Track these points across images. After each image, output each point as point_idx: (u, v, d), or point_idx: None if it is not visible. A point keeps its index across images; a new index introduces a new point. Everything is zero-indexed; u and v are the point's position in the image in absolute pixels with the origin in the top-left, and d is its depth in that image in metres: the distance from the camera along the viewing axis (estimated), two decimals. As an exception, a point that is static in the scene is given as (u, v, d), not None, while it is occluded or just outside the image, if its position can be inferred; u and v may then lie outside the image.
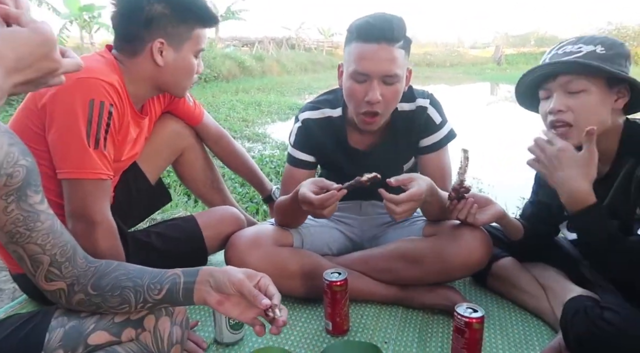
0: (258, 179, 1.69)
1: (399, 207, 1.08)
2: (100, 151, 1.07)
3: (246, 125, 5.42)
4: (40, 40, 0.57)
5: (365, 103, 1.20)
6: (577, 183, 1.00)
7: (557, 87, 1.04)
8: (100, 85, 1.04)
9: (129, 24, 1.14)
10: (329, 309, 1.18)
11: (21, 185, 0.78)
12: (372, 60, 1.16)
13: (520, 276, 1.32)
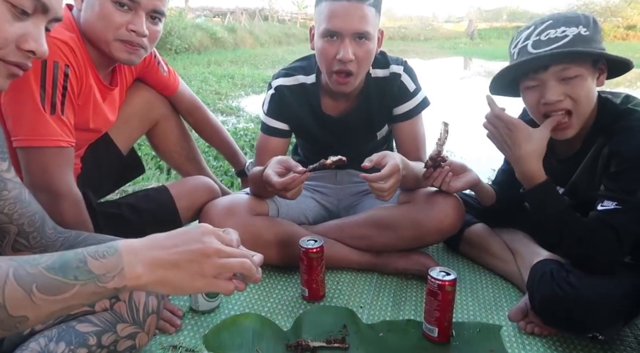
0: (232, 152, 1.66)
1: (387, 183, 1.07)
2: (58, 116, 1.00)
3: (219, 99, 5.29)
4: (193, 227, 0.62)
5: (337, 61, 1.17)
6: (529, 162, 1.04)
7: (549, 76, 1.01)
8: (52, 43, 0.95)
9: None
10: (305, 276, 1.19)
11: None
12: (342, 17, 1.14)
13: (491, 241, 1.36)
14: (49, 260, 0.52)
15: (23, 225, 0.83)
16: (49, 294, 0.51)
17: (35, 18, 0.59)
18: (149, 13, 1.07)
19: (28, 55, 0.59)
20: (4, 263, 0.51)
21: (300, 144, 1.55)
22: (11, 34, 0.57)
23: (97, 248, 0.55)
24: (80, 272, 0.53)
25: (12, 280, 0.50)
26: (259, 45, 14.31)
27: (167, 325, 1.06)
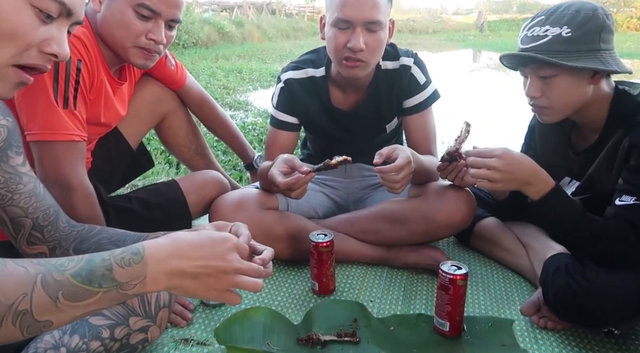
0: (241, 146, 1.66)
1: (399, 174, 1.06)
2: (71, 111, 1.00)
3: (227, 93, 5.29)
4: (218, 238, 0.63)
5: (347, 50, 1.16)
6: (537, 176, 1.03)
7: (529, 72, 1.06)
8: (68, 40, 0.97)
9: None
10: (315, 270, 1.18)
11: (2, 146, 0.76)
12: (354, 6, 1.13)
13: (502, 235, 1.34)
14: (76, 267, 0.54)
15: (38, 219, 0.83)
16: (73, 301, 0.53)
17: (59, 22, 0.60)
18: (167, 22, 1.08)
19: (49, 58, 0.60)
20: (32, 268, 0.52)
21: (309, 137, 1.54)
22: (35, 38, 0.57)
23: (124, 255, 0.56)
24: (105, 280, 0.54)
25: (39, 287, 0.51)
26: (267, 39, 14.28)
27: (178, 318, 1.06)
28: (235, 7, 17.43)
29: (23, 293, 0.50)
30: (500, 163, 1.01)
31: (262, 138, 3.16)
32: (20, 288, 0.50)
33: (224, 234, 0.63)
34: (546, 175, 1.04)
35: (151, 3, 1.03)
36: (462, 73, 7.84)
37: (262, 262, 0.73)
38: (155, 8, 1.03)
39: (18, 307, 0.50)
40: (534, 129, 1.31)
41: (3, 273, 0.50)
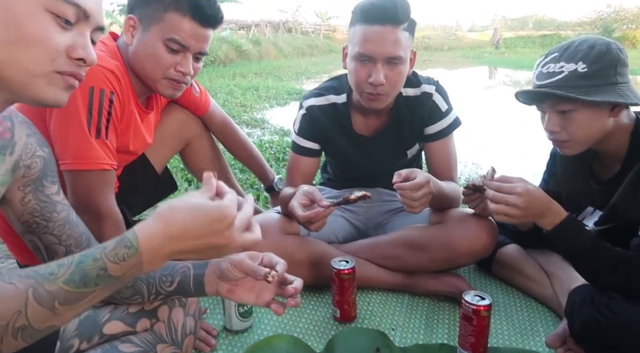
0: (261, 169, 1.68)
1: (418, 192, 1.07)
2: (102, 140, 1.05)
3: (244, 111, 5.36)
4: (215, 216, 0.57)
5: (368, 84, 1.19)
6: (550, 208, 1.03)
7: (547, 108, 1.06)
8: (100, 71, 1.01)
9: (128, 3, 1.12)
10: (337, 297, 1.19)
11: (38, 176, 0.78)
12: (375, 42, 1.15)
13: (525, 263, 1.33)
14: (67, 273, 0.53)
15: (71, 246, 0.86)
16: (72, 304, 0.53)
17: (79, 27, 0.60)
18: (195, 54, 1.12)
19: (79, 63, 0.61)
20: (21, 283, 0.51)
21: (330, 162, 1.57)
22: (61, 45, 0.58)
23: (117, 251, 0.54)
24: (101, 279, 0.54)
25: (32, 302, 0.51)
26: (283, 57, 14.50)
27: (202, 344, 1.07)
28: (253, 26, 17.79)
29: (16, 311, 0.50)
30: (520, 201, 1.01)
31: (279, 156, 3.19)
32: (12, 307, 0.50)
33: (221, 210, 0.58)
34: (558, 207, 1.04)
35: (181, 38, 1.07)
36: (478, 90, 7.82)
37: (295, 291, 0.74)
38: (185, 42, 1.08)
39: (15, 324, 0.50)
40: (555, 157, 1.31)
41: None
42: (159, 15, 1.06)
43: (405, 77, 1.24)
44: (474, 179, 1.16)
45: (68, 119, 1.01)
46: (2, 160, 0.69)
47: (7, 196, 0.76)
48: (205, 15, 1.08)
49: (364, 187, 1.50)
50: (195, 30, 1.08)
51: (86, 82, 1.00)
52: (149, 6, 1.07)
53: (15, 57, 0.55)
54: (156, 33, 1.07)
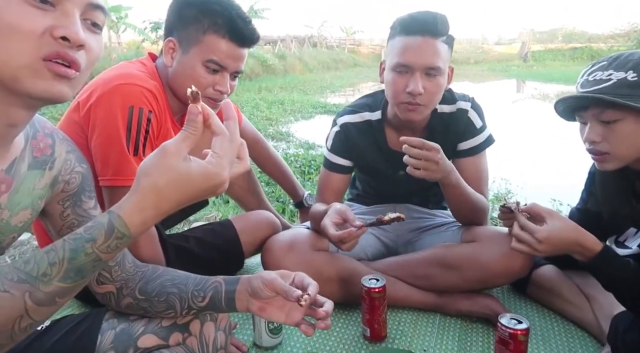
0: (291, 184, 1.70)
1: (417, 150, 1.09)
2: (140, 158, 1.07)
3: (270, 124, 5.44)
4: (210, 186, 0.56)
5: (406, 94, 1.19)
6: (582, 245, 0.98)
7: (589, 117, 1.02)
8: (139, 91, 1.04)
9: (166, 24, 1.16)
10: (367, 315, 1.17)
11: (77, 191, 0.80)
12: (415, 52, 1.16)
13: (562, 285, 1.28)
14: (61, 271, 0.52)
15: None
16: (71, 294, 0.55)
17: (61, 6, 0.56)
18: (232, 73, 1.15)
19: (64, 44, 0.55)
20: (16, 290, 0.51)
21: (360, 177, 1.56)
22: (38, 27, 0.54)
23: (109, 243, 0.54)
24: (97, 266, 0.55)
25: (32, 305, 0.51)
26: (308, 71, 14.68)
27: (232, 361, 1.07)
28: (279, 41, 18.11)
29: (18, 316, 0.51)
30: (541, 247, 0.98)
31: (304, 169, 3.21)
32: (12, 314, 0.51)
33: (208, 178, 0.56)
34: (593, 240, 0.99)
35: (219, 59, 1.10)
36: (505, 103, 7.71)
37: (326, 314, 0.73)
38: (223, 63, 1.11)
39: (20, 325, 0.51)
40: (594, 175, 1.26)
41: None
42: (198, 37, 1.09)
43: (442, 90, 1.23)
44: (509, 202, 1.13)
45: (108, 136, 1.04)
46: (41, 174, 0.71)
47: (48, 210, 0.78)
48: (243, 36, 1.11)
49: (393, 203, 1.50)
50: (232, 51, 1.11)
51: (126, 102, 1.04)
52: (187, 29, 1.10)
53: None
54: (195, 54, 1.09)
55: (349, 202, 1.61)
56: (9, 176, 0.65)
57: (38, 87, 0.55)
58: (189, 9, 1.10)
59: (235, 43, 1.10)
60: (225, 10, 1.09)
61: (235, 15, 1.10)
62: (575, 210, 1.28)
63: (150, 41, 12.42)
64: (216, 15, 1.08)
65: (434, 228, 1.45)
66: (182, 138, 0.57)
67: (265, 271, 0.83)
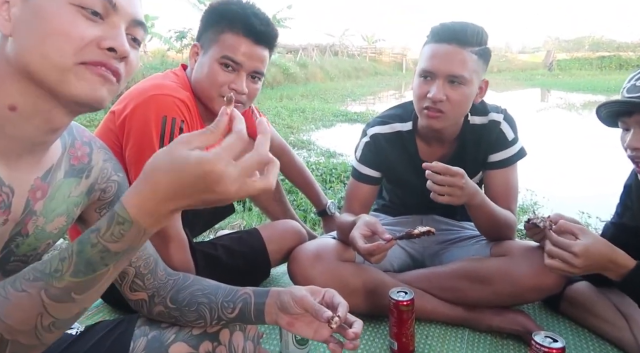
0: (315, 194, 1.71)
1: (441, 176, 1.07)
2: None
3: (291, 132, 5.46)
4: (197, 173, 0.50)
5: (428, 100, 1.18)
6: (614, 262, 0.97)
7: (633, 123, 1.00)
8: (172, 101, 1.07)
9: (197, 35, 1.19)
10: (395, 329, 1.15)
11: (113, 199, 0.81)
12: (439, 59, 1.16)
13: (598, 302, 1.24)
14: (71, 267, 0.52)
15: (140, 268, 0.89)
16: (89, 289, 0.53)
17: (110, 19, 0.59)
18: (250, 73, 1.15)
19: (110, 54, 0.58)
20: (32, 288, 0.51)
21: (388, 188, 1.55)
22: (87, 35, 0.56)
23: (112, 230, 0.52)
24: (108, 259, 0.53)
25: (49, 302, 0.51)
26: (329, 80, 14.75)
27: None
28: (300, 50, 18.26)
29: (38, 314, 0.51)
30: (577, 261, 0.97)
31: (325, 178, 3.21)
32: (32, 313, 0.51)
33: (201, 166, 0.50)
34: (625, 257, 0.98)
35: (233, 54, 1.10)
36: (530, 113, 7.57)
37: (355, 336, 0.72)
38: (238, 59, 1.11)
39: (42, 323, 0.51)
40: (631, 188, 1.22)
41: (9, 306, 0.50)
42: (216, 38, 1.11)
43: (468, 100, 1.21)
44: (536, 217, 1.11)
45: (142, 145, 1.07)
46: (78, 182, 0.73)
47: (85, 217, 0.80)
48: (257, 32, 1.11)
49: (420, 214, 1.48)
50: (248, 48, 1.11)
51: (160, 112, 1.06)
52: (208, 31, 1.13)
53: (44, 53, 0.55)
54: (212, 54, 1.12)
55: (375, 212, 1.59)
56: (44, 183, 0.66)
57: (81, 89, 0.57)
58: (212, 14, 1.14)
59: (250, 39, 1.11)
60: (241, 9, 1.11)
61: (250, 14, 1.11)
62: (610, 224, 1.24)
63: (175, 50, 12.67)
64: (233, 14, 1.11)
65: (462, 240, 1.43)
66: (199, 132, 0.54)
67: (295, 286, 0.82)
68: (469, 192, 1.12)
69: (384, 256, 1.09)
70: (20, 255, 0.68)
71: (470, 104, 1.23)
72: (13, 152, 0.60)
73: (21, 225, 0.65)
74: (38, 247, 0.70)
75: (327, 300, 0.80)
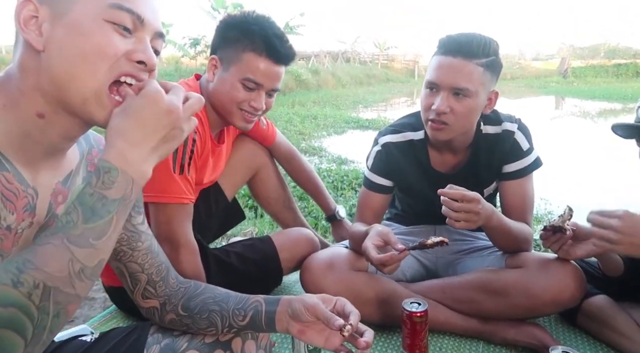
0: (324, 198, 1.72)
1: (458, 204, 1.06)
2: (185, 176, 1.13)
3: (303, 139, 5.48)
4: (164, 111, 0.59)
5: (432, 111, 1.18)
6: None
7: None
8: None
9: (211, 45, 1.23)
10: (408, 340, 1.14)
11: None
12: (444, 71, 1.16)
13: (616, 317, 1.21)
14: (80, 215, 0.56)
15: (152, 275, 0.89)
16: (102, 237, 0.57)
17: (137, 33, 0.63)
18: (268, 92, 1.21)
19: (140, 67, 0.62)
20: (55, 240, 0.55)
21: (400, 197, 1.54)
22: (120, 49, 0.60)
23: (102, 180, 0.57)
24: (108, 205, 0.57)
25: (74, 248, 0.55)
26: (341, 86, 14.76)
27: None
28: (312, 56, 18.35)
29: (68, 259, 0.54)
30: (621, 224, 0.94)
31: (336, 185, 3.20)
32: (63, 259, 0.54)
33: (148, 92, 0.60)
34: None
35: (255, 77, 1.16)
36: (543, 120, 7.49)
37: (366, 345, 0.72)
38: (260, 81, 1.17)
39: (74, 269, 0.55)
40: None
41: (42, 257, 0.54)
42: (238, 56, 1.15)
43: (474, 113, 1.20)
44: (551, 220, 1.09)
45: None
46: None
47: None
48: (279, 54, 1.17)
49: (433, 224, 1.46)
50: (269, 69, 1.16)
51: None
52: (229, 48, 1.17)
53: (75, 72, 0.58)
54: (235, 73, 1.16)
55: (387, 221, 1.58)
56: (65, 188, 0.68)
57: (101, 115, 0.61)
58: (231, 30, 1.17)
59: (272, 60, 1.16)
60: (262, 30, 1.15)
61: (272, 35, 1.15)
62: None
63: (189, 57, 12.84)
64: (254, 35, 1.14)
65: (476, 251, 1.41)
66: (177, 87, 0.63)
67: (306, 294, 0.82)
68: (486, 215, 1.10)
69: (397, 267, 1.08)
70: None
71: (477, 115, 1.22)
72: (36, 156, 0.63)
73: (45, 229, 0.66)
74: None
75: (339, 309, 0.79)
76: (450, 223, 1.09)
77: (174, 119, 0.60)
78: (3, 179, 0.59)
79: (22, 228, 0.62)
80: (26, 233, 0.64)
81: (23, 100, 0.60)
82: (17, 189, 0.61)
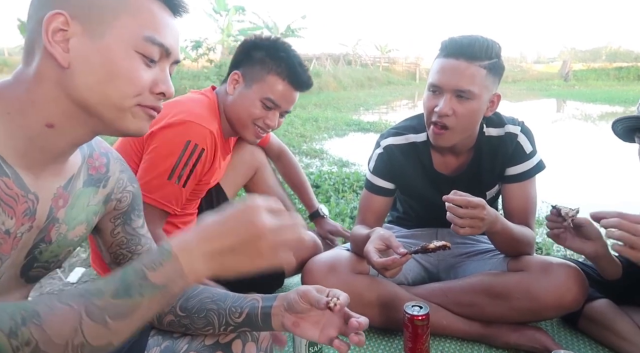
0: (309, 195, 1.76)
1: (463, 210, 1.06)
2: (180, 188, 1.17)
3: (304, 141, 5.46)
4: (241, 207, 0.57)
5: (435, 113, 1.19)
6: None
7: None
8: (202, 131, 1.17)
9: (234, 59, 1.31)
10: (410, 344, 1.14)
11: (127, 209, 0.83)
12: (447, 73, 1.16)
13: (618, 321, 1.21)
14: (112, 287, 0.54)
15: None
16: (122, 319, 0.54)
17: (161, 63, 0.65)
18: (282, 112, 1.30)
19: (159, 97, 0.65)
20: (75, 303, 0.53)
21: (402, 200, 1.54)
22: (146, 82, 0.62)
23: (153, 258, 0.56)
24: (144, 288, 0.54)
25: (86, 319, 0.53)
26: (342, 89, 14.77)
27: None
28: (314, 59, 18.36)
29: (73, 329, 0.52)
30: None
31: (337, 187, 3.20)
32: (69, 326, 0.52)
33: (248, 201, 0.58)
34: None
35: (275, 98, 1.26)
36: (545, 123, 7.48)
37: (359, 325, 0.72)
38: (278, 102, 1.27)
39: (73, 342, 0.52)
40: None
41: (52, 317, 0.52)
42: (262, 76, 1.24)
43: (476, 115, 1.20)
44: (564, 208, 1.10)
45: (160, 157, 1.14)
46: (96, 191, 0.74)
47: (100, 226, 0.81)
48: (300, 81, 1.27)
49: (435, 227, 1.46)
50: (288, 93, 1.27)
51: (186, 135, 1.15)
52: (254, 67, 1.25)
53: (107, 93, 0.60)
54: (256, 90, 1.25)
55: (389, 224, 1.58)
56: (66, 192, 0.68)
57: (133, 126, 0.64)
58: (258, 51, 1.26)
59: (292, 86, 1.27)
60: (289, 58, 1.26)
61: (296, 63, 1.26)
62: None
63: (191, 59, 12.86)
64: (281, 60, 1.25)
65: (478, 254, 1.41)
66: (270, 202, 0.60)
67: (302, 286, 0.82)
68: (490, 221, 1.10)
69: (399, 270, 1.08)
70: (43, 261, 0.70)
71: (479, 118, 1.22)
72: (39, 162, 0.63)
73: (44, 232, 0.67)
74: (59, 254, 0.72)
75: (331, 296, 0.79)
76: (455, 230, 1.09)
77: (256, 236, 0.56)
78: (2, 185, 0.58)
79: (21, 233, 0.62)
80: (25, 237, 0.64)
81: (33, 110, 0.60)
82: (17, 195, 0.60)
